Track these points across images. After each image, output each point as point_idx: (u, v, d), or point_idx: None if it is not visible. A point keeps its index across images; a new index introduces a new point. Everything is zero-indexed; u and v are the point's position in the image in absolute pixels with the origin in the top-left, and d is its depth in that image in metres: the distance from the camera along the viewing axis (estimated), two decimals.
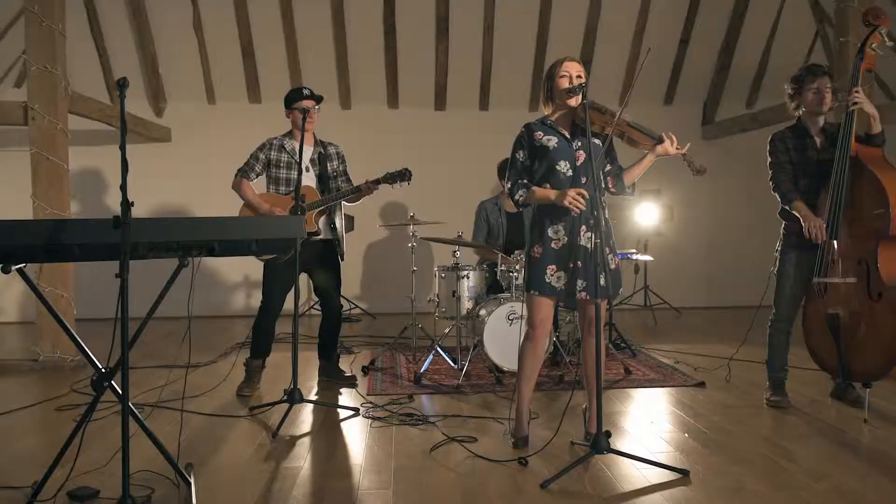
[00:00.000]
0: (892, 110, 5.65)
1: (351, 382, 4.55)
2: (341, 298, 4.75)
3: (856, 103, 3.60)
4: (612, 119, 3.15)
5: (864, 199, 3.59)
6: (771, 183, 3.90)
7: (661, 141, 3.13)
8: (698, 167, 3.20)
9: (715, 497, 2.69)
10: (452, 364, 4.86)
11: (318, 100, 4.44)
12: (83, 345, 2.74)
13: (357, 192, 4.41)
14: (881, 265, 3.50)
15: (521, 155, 3.28)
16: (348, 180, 4.61)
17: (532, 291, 3.22)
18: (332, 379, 4.63)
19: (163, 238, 2.54)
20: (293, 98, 4.44)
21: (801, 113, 3.89)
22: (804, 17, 7.70)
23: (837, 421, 3.69)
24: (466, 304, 4.94)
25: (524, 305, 3.31)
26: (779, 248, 3.99)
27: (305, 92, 4.42)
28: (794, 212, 3.76)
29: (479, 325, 4.66)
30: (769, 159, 3.93)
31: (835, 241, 3.65)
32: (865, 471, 2.95)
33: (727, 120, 8.24)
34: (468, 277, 4.95)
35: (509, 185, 3.29)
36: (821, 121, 3.88)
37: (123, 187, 2.38)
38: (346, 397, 4.30)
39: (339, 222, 4.56)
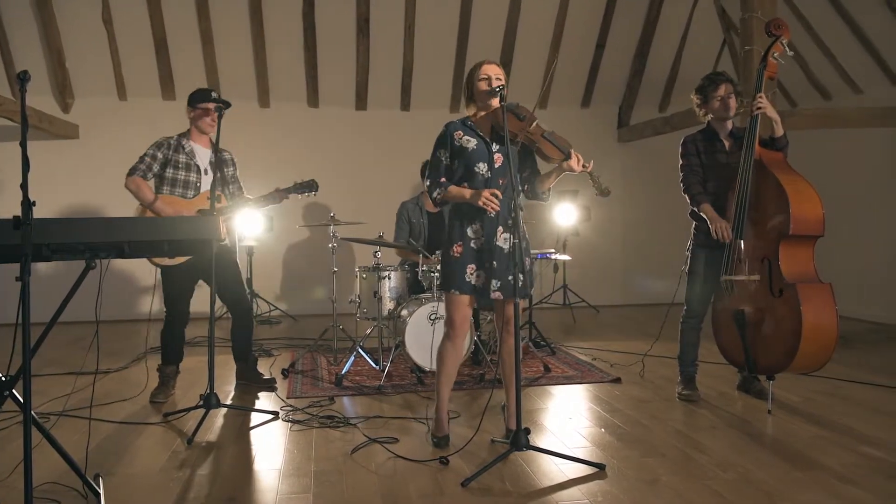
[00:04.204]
0: (793, 116, 5.94)
1: (270, 386, 4.46)
2: (260, 300, 4.65)
3: (759, 108, 3.77)
4: (528, 127, 3.19)
5: (767, 201, 3.76)
6: (682, 185, 4.05)
7: (568, 157, 3.12)
8: (604, 188, 3.21)
9: (630, 489, 2.77)
10: (374, 365, 4.84)
11: (226, 105, 4.09)
12: None
13: (266, 200, 4.29)
14: (782, 263, 3.67)
15: (443, 154, 3.29)
16: (240, 187, 4.48)
17: (452, 290, 3.23)
18: (251, 382, 4.53)
19: (68, 239, 2.43)
20: (199, 98, 4.25)
21: (710, 118, 4.06)
22: (712, 26, 8.03)
23: (744, 412, 3.85)
24: (388, 305, 4.93)
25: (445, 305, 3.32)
26: (689, 248, 4.15)
27: (214, 95, 4.24)
28: (702, 214, 3.92)
29: (401, 326, 4.66)
30: (681, 161, 4.08)
31: (741, 241, 3.81)
32: (769, 459, 3.09)
33: (641, 123, 8.48)
34: (389, 278, 4.94)
35: (428, 184, 3.30)
36: (729, 125, 4.05)
37: (24, 186, 2.26)
38: (265, 401, 4.22)
39: (233, 228, 4.46)
